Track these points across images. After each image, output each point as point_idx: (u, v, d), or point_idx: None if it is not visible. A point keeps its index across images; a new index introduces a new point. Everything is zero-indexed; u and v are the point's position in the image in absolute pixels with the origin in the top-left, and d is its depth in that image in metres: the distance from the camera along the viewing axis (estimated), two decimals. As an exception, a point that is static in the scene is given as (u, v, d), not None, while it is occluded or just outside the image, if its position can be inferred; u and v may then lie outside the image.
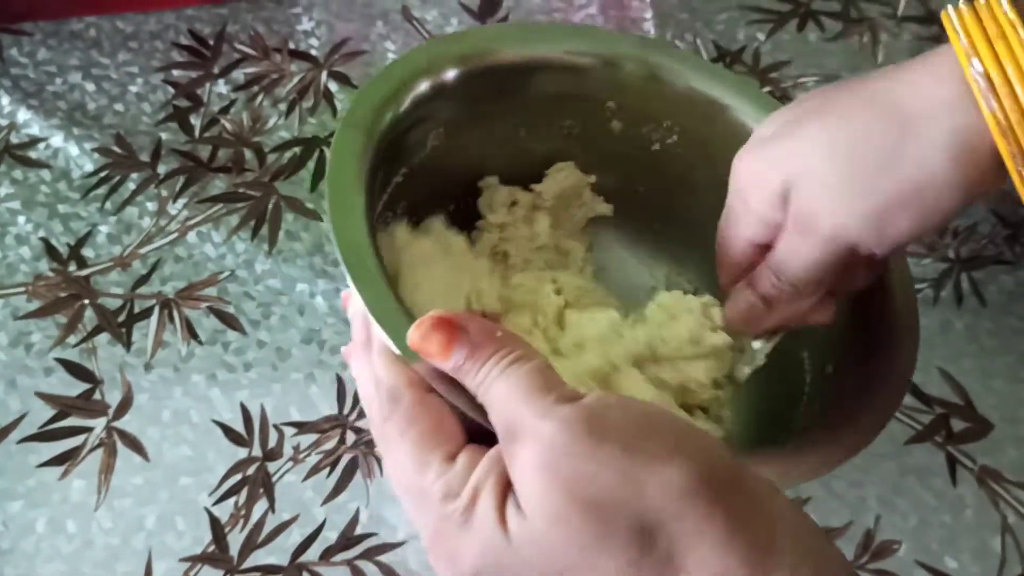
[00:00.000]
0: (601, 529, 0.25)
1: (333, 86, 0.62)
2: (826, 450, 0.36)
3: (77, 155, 0.58)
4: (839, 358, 0.41)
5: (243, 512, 0.47)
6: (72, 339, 0.51)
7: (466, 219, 0.49)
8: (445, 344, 0.30)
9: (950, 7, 0.30)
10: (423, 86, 0.43)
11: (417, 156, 0.45)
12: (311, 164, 0.58)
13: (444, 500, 0.28)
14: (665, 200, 0.50)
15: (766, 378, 0.46)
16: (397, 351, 0.32)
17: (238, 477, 0.48)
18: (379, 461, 0.48)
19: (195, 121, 0.60)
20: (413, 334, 0.30)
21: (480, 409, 0.30)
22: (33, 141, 0.58)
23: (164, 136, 0.59)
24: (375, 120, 0.40)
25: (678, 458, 0.25)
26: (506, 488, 0.28)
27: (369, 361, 0.34)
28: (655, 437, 0.26)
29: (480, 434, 0.30)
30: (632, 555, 0.25)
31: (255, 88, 0.61)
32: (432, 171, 0.46)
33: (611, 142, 0.48)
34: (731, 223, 0.39)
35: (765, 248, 0.37)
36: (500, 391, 0.29)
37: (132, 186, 0.57)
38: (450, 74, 0.43)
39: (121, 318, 0.52)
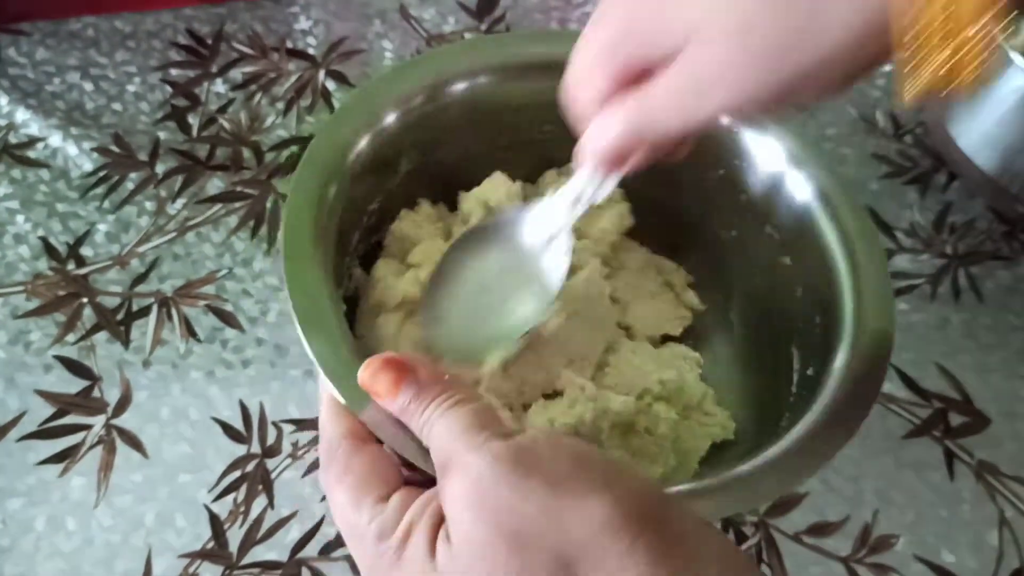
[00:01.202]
0: (523, 561, 0.26)
1: (331, 85, 0.62)
2: (785, 469, 0.36)
3: (76, 154, 0.58)
4: (819, 360, 0.41)
5: (242, 509, 0.47)
6: (71, 337, 0.51)
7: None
8: (393, 383, 0.31)
9: None
10: (386, 120, 0.43)
11: (390, 183, 0.45)
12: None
13: (378, 539, 0.29)
14: (650, 198, 0.49)
15: (760, 371, 0.46)
16: (342, 400, 0.33)
17: (237, 474, 0.48)
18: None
19: (193, 120, 0.60)
20: (363, 373, 0.32)
21: (425, 454, 0.31)
22: (32, 141, 0.58)
23: (162, 135, 0.59)
24: (334, 163, 0.41)
25: (602, 493, 0.26)
26: (439, 522, 0.29)
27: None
28: (582, 473, 0.27)
29: (426, 483, 0.31)
30: None
31: (253, 87, 0.62)
32: (410, 192, 0.47)
33: None
34: (605, 63, 0.31)
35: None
36: (440, 430, 0.30)
37: (131, 185, 0.57)
38: (415, 101, 0.44)
39: (120, 316, 0.52)
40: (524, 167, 0.49)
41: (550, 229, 0.39)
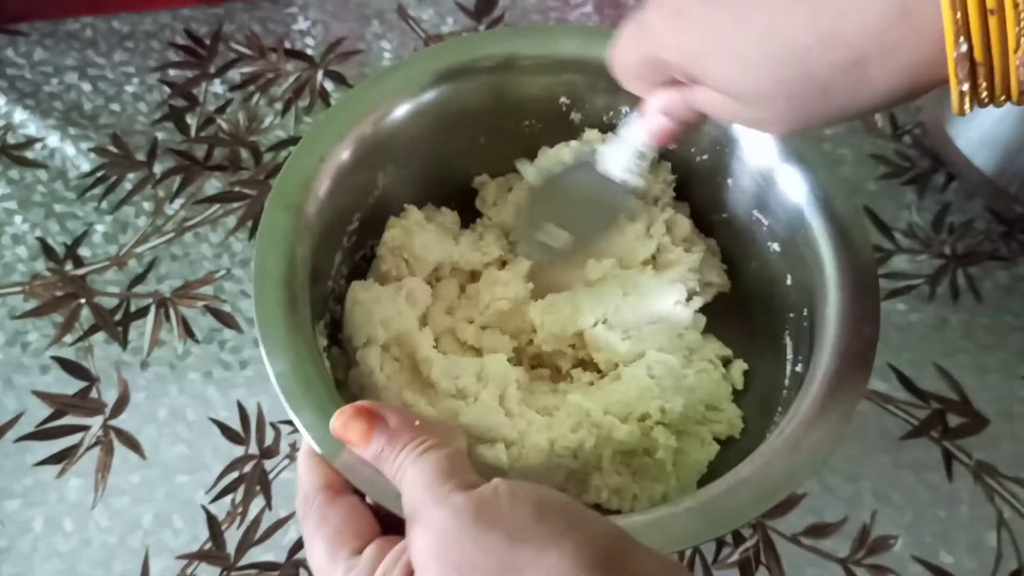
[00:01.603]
0: None
1: (329, 85, 0.62)
2: (760, 486, 0.35)
3: (74, 155, 0.58)
4: (805, 356, 0.41)
5: (240, 509, 0.47)
6: (68, 338, 0.51)
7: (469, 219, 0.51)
8: (365, 432, 0.32)
9: None
10: (362, 134, 0.43)
11: (369, 198, 0.46)
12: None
13: None
14: None
15: (760, 360, 0.46)
16: (319, 449, 0.34)
17: (235, 475, 0.48)
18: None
19: (191, 120, 0.60)
20: (335, 422, 0.32)
21: (399, 500, 0.31)
22: (30, 141, 0.58)
23: (160, 136, 0.59)
24: (304, 191, 0.41)
25: (561, 544, 0.26)
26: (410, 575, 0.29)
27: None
28: (543, 522, 0.27)
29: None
30: None
31: (251, 87, 0.62)
32: (390, 203, 0.47)
33: (575, 135, 0.48)
34: (646, 74, 0.36)
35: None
36: (410, 477, 0.30)
37: (128, 186, 0.57)
38: (387, 113, 0.44)
39: (117, 317, 0.52)
40: (506, 162, 0.49)
41: (621, 163, 0.43)
